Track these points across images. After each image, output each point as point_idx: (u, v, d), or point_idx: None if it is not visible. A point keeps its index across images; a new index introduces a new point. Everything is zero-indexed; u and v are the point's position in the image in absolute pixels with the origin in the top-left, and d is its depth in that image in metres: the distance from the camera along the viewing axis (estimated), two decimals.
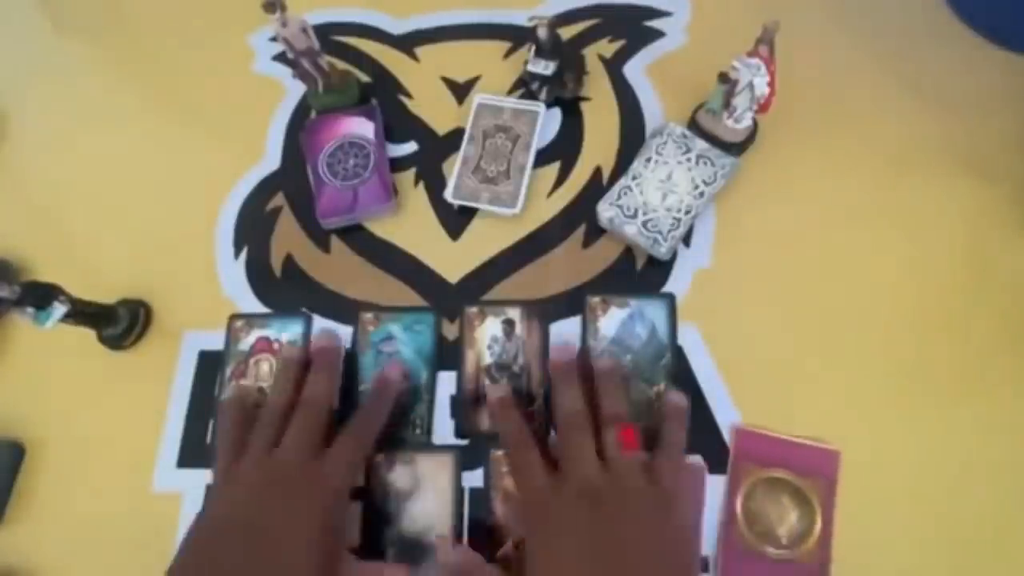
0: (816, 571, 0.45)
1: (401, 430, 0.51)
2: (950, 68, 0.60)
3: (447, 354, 0.53)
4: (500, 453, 0.50)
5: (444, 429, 0.51)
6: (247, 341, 0.55)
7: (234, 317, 0.56)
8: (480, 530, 0.48)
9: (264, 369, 0.54)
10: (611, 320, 0.52)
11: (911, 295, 0.52)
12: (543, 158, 0.60)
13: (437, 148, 0.62)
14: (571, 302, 0.54)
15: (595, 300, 0.53)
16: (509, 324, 0.53)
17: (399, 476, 0.50)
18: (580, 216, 0.57)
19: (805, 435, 0.48)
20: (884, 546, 0.46)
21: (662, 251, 0.53)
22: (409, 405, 0.51)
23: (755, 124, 0.57)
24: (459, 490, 0.49)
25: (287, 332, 0.55)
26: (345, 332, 0.54)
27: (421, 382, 0.52)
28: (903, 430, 0.48)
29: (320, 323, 0.56)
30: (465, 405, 0.51)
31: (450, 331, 0.54)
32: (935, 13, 0.63)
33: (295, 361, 0.49)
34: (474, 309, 0.54)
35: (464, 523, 0.48)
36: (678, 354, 0.51)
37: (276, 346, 0.55)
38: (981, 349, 0.50)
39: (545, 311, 0.54)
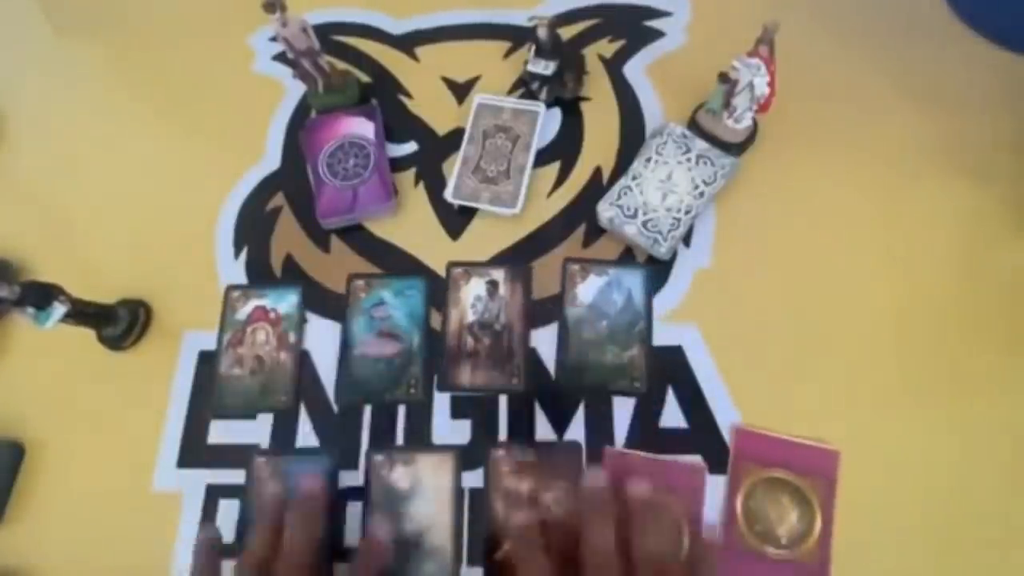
0: (816, 571, 0.45)
1: (395, 391, 0.52)
2: (950, 68, 0.60)
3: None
4: (501, 453, 0.50)
5: (443, 429, 0.52)
6: (244, 310, 0.56)
7: (231, 287, 0.57)
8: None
9: (260, 338, 0.55)
10: (589, 287, 0.54)
11: (910, 294, 0.52)
12: (543, 158, 0.60)
13: (437, 148, 0.62)
14: None
15: (575, 267, 0.55)
16: (493, 284, 0.55)
17: (399, 477, 0.50)
18: (580, 216, 0.57)
19: (805, 435, 0.48)
20: (885, 546, 0.46)
21: (662, 251, 0.53)
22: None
23: (755, 124, 0.57)
24: (459, 490, 0.49)
25: (284, 302, 0.56)
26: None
27: (413, 345, 0.54)
28: (903, 429, 0.48)
29: (318, 321, 0.56)
30: (447, 361, 0.53)
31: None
32: (935, 13, 0.63)
33: (273, 508, 0.43)
34: (460, 270, 0.56)
35: (464, 523, 0.49)
36: (678, 353, 0.52)
37: (272, 315, 0.56)
38: (981, 348, 0.50)
39: (528, 274, 0.55)
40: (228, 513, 0.51)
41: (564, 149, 0.60)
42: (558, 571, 0.37)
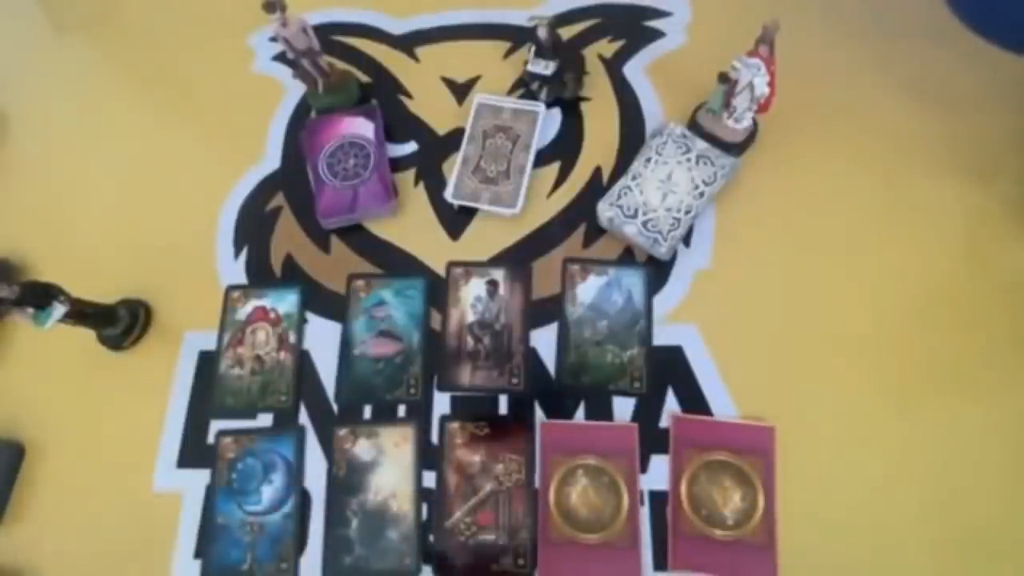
0: (764, 546, 0.46)
1: (395, 391, 0.52)
2: (950, 68, 0.60)
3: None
4: (456, 426, 0.51)
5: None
6: (244, 310, 0.56)
7: (231, 287, 0.57)
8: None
9: (260, 337, 0.55)
10: (589, 287, 0.54)
11: (911, 294, 0.52)
12: (543, 158, 0.60)
13: (437, 148, 0.62)
14: None
15: (575, 267, 0.55)
16: (493, 285, 0.55)
17: (363, 450, 0.51)
18: (580, 216, 0.57)
19: (744, 415, 0.49)
20: (887, 545, 0.46)
21: (662, 251, 0.53)
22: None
23: (755, 124, 0.57)
24: (420, 460, 0.51)
25: (284, 302, 0.56)
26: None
27: (413, 345, 0.54)
28: (904, 428, 0.48)
29: (318, 321, 0.56)
30: (447, 361, 0.53)
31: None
32: (935, 13, 0.63)
33: None
34: (460, 270, 0.56)
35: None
36: (678, 353, 0.52)
37: (272, 315, 0.56)
38: (980, 346, 0.50)
39: (528, 274, 0.55)
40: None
41: (564, 149, 0.60)
42: None
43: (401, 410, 0.52)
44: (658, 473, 0.49)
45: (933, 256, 0.53)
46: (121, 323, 0.56)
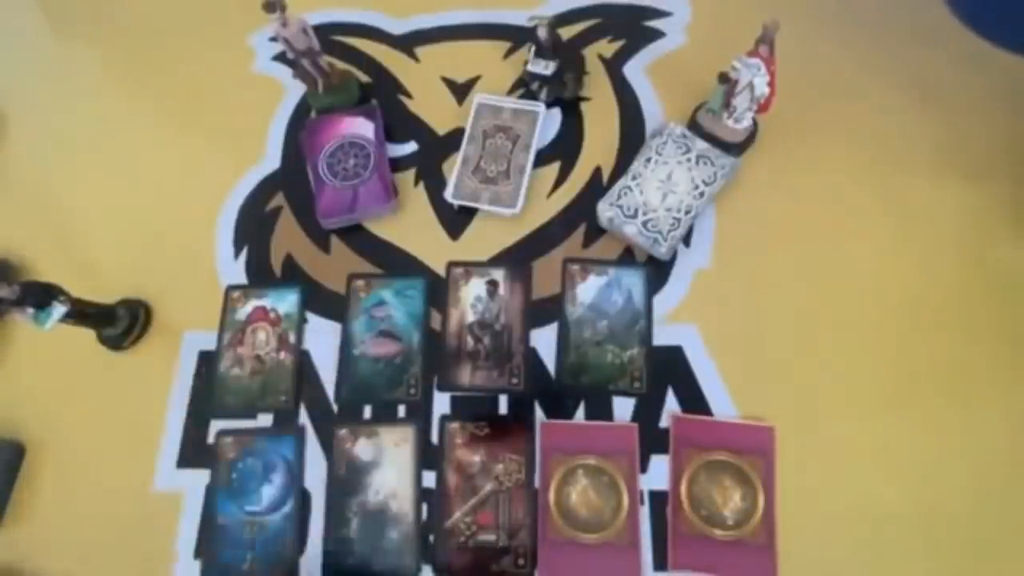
0: (763, 546, 0.46)
1: (395, 391, 0.52)
2: (950, 68, 0.60)
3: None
4: (456, 426, 0.51)
5: None
6: (244, 310, 0.56)
7: (231, 287, 0.57)
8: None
9: (260, 337, 0.55)
10: (589, 287, 0.54)
11: (910, 294, 0.52)
12: (543, 158, 0.60)
13: (437, 148, 0.62)
14: None
15: (575, 267, 0.55)
16: (493, 284, 0.55)
17: (363, 449, 0.51)
18: (580, 216, 0.57)
19: (744, 415, 0.49)
20: (886, 546, 0.46)
21: (662, 251, 0.53)
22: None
23: (755, 124, 0.57)
24: (420, 461, 0.51)
25: (284, 302, 0.56)
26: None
27: (413, 345, 0.54)
28: (904, 428, 0.48)
29: (318, 321, 0.56)
30: (447, 361, 0.53)
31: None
32: (935, 13, 0.62)
33: None
34: (460, 270, 0.56)
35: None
36: (678, 353, 0.52)
37: (272, 315, 0.56)
38: (979, 346, 0.50)
39: (528, 274, 0.55)
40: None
41: (564, 149, 0.60)
42: None
43: (401, 410, 0.52)
44: (658, 473, 0.49)
45: (932, 256, 0.53)
46: (121, 323, 0.56)
